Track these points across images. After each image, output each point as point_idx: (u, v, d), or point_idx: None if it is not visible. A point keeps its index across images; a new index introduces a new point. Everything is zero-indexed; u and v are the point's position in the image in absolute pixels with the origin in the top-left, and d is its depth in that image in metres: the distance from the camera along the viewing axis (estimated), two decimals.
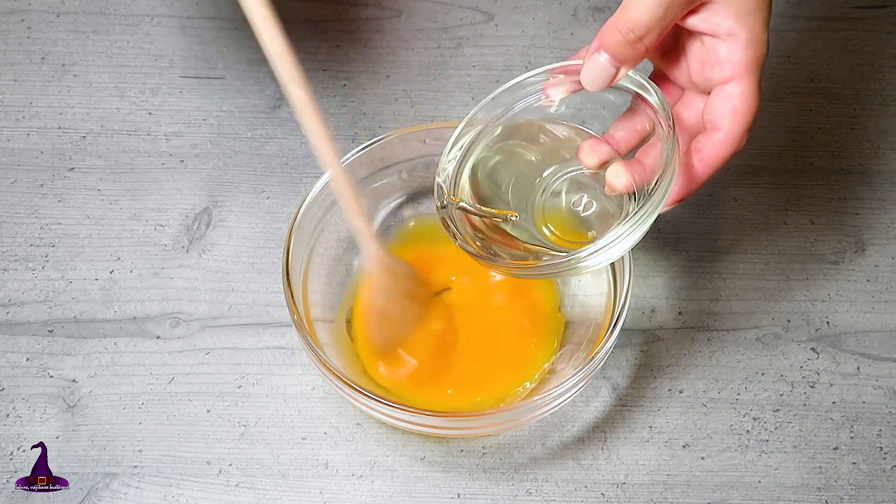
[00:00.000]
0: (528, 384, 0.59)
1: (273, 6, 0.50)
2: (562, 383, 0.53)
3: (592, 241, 0.50)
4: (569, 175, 0.56)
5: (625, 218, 0.49)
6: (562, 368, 0.59)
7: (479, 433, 0.59)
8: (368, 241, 0.57)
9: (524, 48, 0.75)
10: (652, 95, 0.50)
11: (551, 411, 0.55)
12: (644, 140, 0.53)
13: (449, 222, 0.54)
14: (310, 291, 0.59)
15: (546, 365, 0.60)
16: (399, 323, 0.60)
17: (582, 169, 0.55)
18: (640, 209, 0.49)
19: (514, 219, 0.56)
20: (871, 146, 0.72)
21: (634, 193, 0.53)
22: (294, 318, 0.55)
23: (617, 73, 0.49)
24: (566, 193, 0.56)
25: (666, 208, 0.50)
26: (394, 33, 0.76)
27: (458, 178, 0.55)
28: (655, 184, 0.49)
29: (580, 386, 0.54)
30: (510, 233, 0.56)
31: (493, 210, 0.56)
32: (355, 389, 0.52)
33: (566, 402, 0.55)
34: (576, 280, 0.62)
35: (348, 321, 0.61)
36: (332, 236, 0.61)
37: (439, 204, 0.55)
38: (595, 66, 0.49)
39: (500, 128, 0.56)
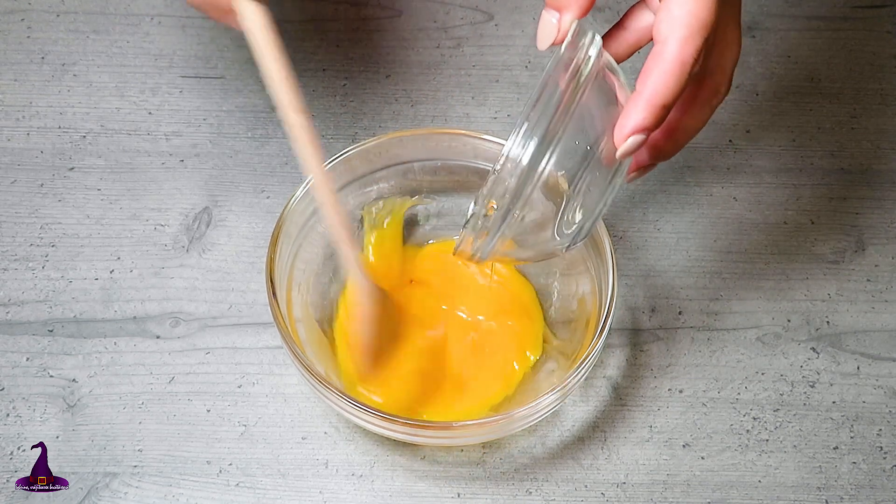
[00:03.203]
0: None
1: (274, 22, 0.48)
2: (543, 397, 0.52)
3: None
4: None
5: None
6: (551, 371, 0.59)
7: (458, 444, 0.58)
8: (356, 269, 0.55)
9: (524, 48, 0.75)
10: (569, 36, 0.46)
11: (541, 418, 0.55)
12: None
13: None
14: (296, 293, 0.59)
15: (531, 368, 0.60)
16: (383, 345, 0.59)
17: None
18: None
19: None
20: (871, 146, 0.71)
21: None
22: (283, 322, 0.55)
23: (559, 26, 0.46)
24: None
25: (628, 149, 0.45)
26: (394, 33, 0.76)
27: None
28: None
29: (566, 394, 0.54)
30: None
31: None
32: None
33: (547, 414, 0.55)
34: (570, 281, 0.62)
35: (330, 324, 0.61)
36: (316, 241, 0.62)
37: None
38: (543, 23, 0.46)
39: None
